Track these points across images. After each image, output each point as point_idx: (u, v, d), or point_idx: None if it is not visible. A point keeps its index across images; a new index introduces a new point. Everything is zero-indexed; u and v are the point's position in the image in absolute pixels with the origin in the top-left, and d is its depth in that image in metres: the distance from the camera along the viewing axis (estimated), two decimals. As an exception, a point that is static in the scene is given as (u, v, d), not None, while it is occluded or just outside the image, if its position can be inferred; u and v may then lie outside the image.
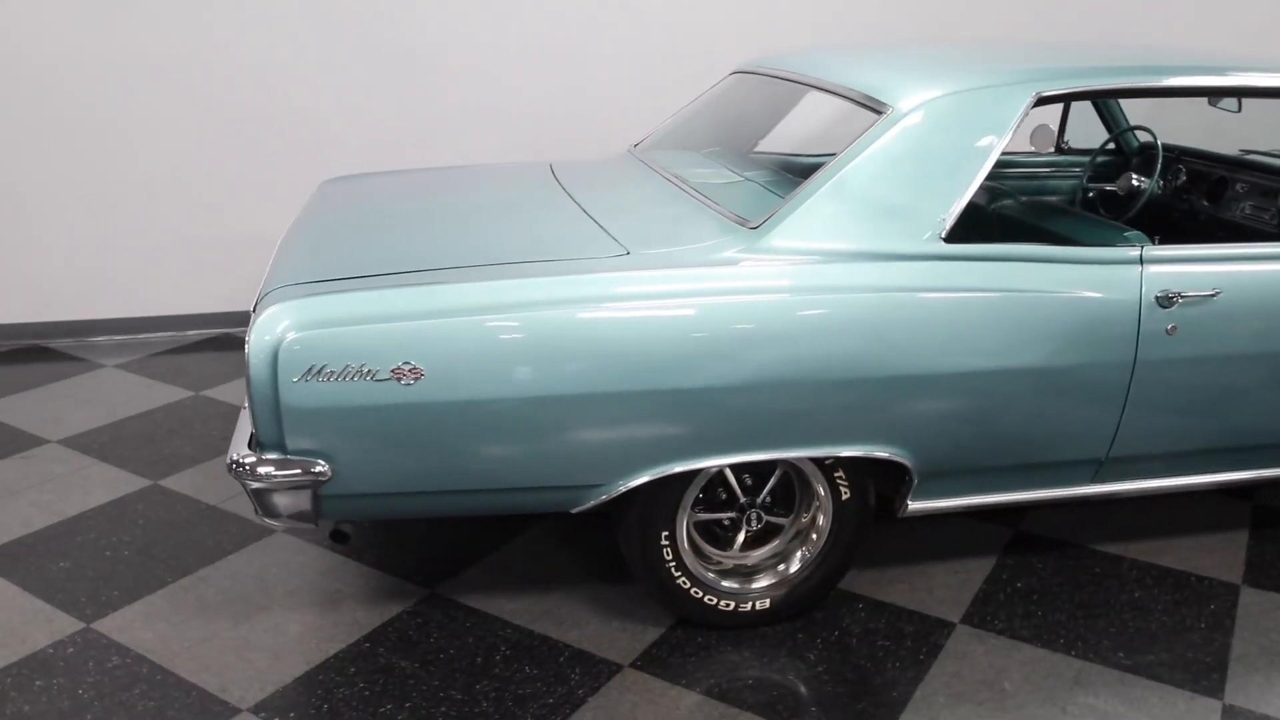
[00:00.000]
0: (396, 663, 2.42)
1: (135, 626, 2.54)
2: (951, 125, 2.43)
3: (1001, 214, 3.16)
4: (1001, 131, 2.44)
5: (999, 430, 2.49)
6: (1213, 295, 2.50)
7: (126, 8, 4.33)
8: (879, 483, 2.53)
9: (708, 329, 2.22)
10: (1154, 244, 2.58)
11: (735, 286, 2.26)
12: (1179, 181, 3.69)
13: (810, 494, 2.53)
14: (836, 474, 2.46)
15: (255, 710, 2.26)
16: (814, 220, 2.37)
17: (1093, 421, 2.54)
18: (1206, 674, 2.42)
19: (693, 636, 2.52)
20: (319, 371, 2.11)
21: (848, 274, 2.32)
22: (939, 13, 5.04)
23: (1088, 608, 2.67)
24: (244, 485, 2.20)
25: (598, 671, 2.40)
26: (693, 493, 2.43)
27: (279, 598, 2.67)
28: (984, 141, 2.43)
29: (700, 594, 2.50)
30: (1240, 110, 3.45)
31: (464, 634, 2.53)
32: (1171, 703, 2.33)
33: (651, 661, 2.43)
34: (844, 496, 2.48)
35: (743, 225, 2.41)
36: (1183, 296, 2.48)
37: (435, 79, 4.70)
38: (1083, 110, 3.98)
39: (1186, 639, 2.55)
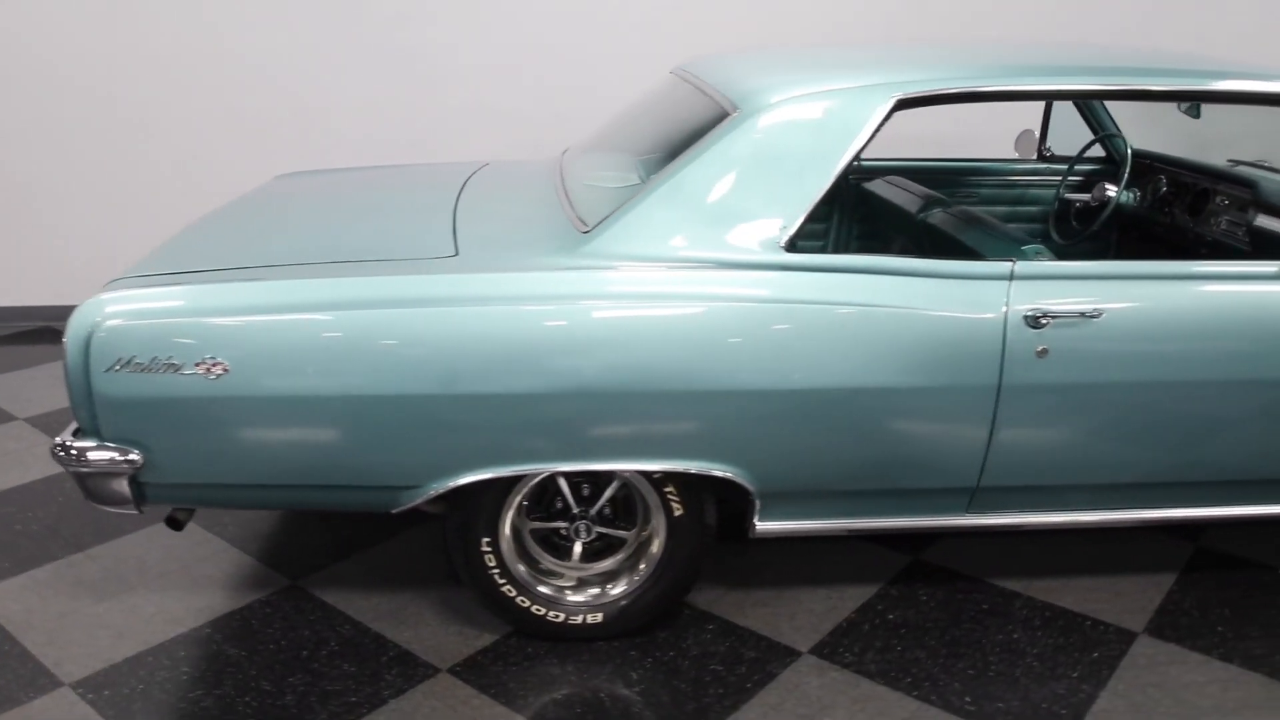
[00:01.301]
0: (226, 650, 2.47)
1: (8, 598, 2.67)
2: (798, 129, 2.32)
3: (927, 223, 3.00)
4: (853, 136, 2.30)
5: (848, 452, 2.36)
6: (1092, 316, 2.30)
7: (137, 6, 4.55)
8: (733, 501, 2.43)
9: (516, 334, 2.18)
10: (1038, 259, 2.40)
11: (546, 292, 2.21)
12: (1160, 193, 3.41)
13: (648, 509, 2.46)
14: (667, 489, 2.38)
15: (75, 686, 2.34)
16: (646, 225, 2.30)
17: (957, 447, 2.38)
18: (1052, 727, 2.25)
19: (523, 646, 2.48)
20: (128, 363, 2.17)
21: (673, 281, 2.24)
22: (957, 12, 4.82)
23: (955, 646, 2.50)
24: (66, 469, 2.28)
25: (413, 674, 2.39)
26: (515, 499, 2.39)
27: (149, 579, 2.76)
28: (834, 146, 2.30)
29: (528, 603, 2.46)
30: (1199, 116, 3.17)
31: (302, 626, 2.55)
32: (996, 755, 2.17)
33: (470, 668, 2.41)
34: (676, 513, 2.40)
35: (579, 229, 2.36)
36: (1056, 317, 2.29)
37: (445, 78, 4.76)
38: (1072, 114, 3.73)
39: (1049, 688, 2.36)
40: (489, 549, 2.40)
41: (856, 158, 2.33)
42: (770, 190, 2.30)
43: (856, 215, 3.65)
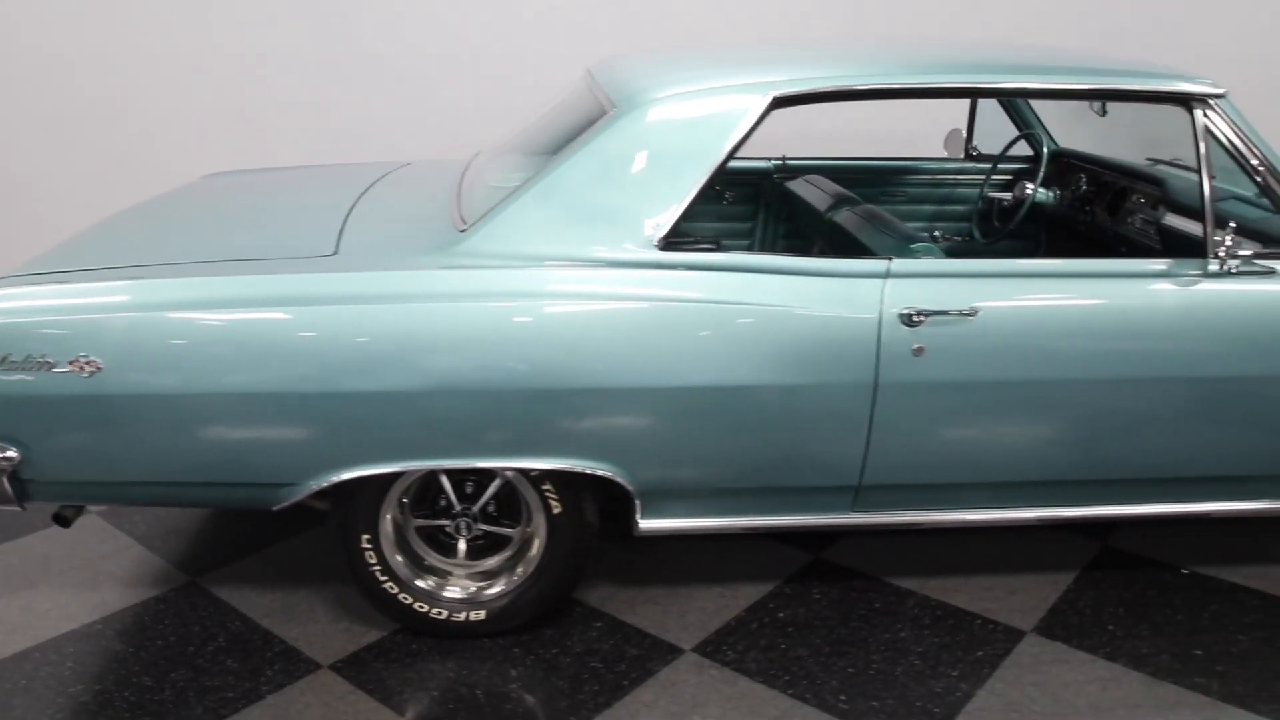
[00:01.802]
0: (114, 646, 2.49)
1: (-91, 593, 2.70)
2: (672, 128, 2.32)
3: (833, 221, 3.00)
4: (729, 134, 2.31)
5: (726, 451, 2.37)
6: (968, 315, 2.30)
7: (136, 7, 4.55)
8: (617, 499, 2.43)
9: (382, 333, 2.19)
10: (923, 257, 2.40)
11: (412, 290, 2.22)
12: (1080, 191, 3.40)
13: (529, 507, 2.47)
14: (544, 487, 2.39)
15: (-41, 681, 2.36)
16: (520, 224, 2.31)
17: (835, 446, 2.38)
18: (923, 726, 2.25)
19: (408, 644, 2.50)
20: (2, 361, 2.18)
21: (547, 280, 2.25)
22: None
23: (839, 645, 2.50)
24: None
25: (294, 670, 2.40)
26: (394, 496, 2.40)
27: (51, 576, 2.78)
28: (709, 144, 2.31)
29: (410, 600, 2.47)
30: (1105, 114, 3.16)
31: (194, 623, 2.57)
32: (860, 753, 2.17)
33: (352, 665, 2.42)
34: (555, 511, 2.41)
35: (458, 229, 2.37)
36: (932, 315, 2.29)
37: (441, 75, 4.73)
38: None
39: (928, 686, 2.36)
40: (369, 545, 2.41)
41: (733, 156, 2.33)
42: (644, 188, 2.30)
43: (781, 214, 3.65)
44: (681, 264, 2.29)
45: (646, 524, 2.45)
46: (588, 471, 2.32)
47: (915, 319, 2.28)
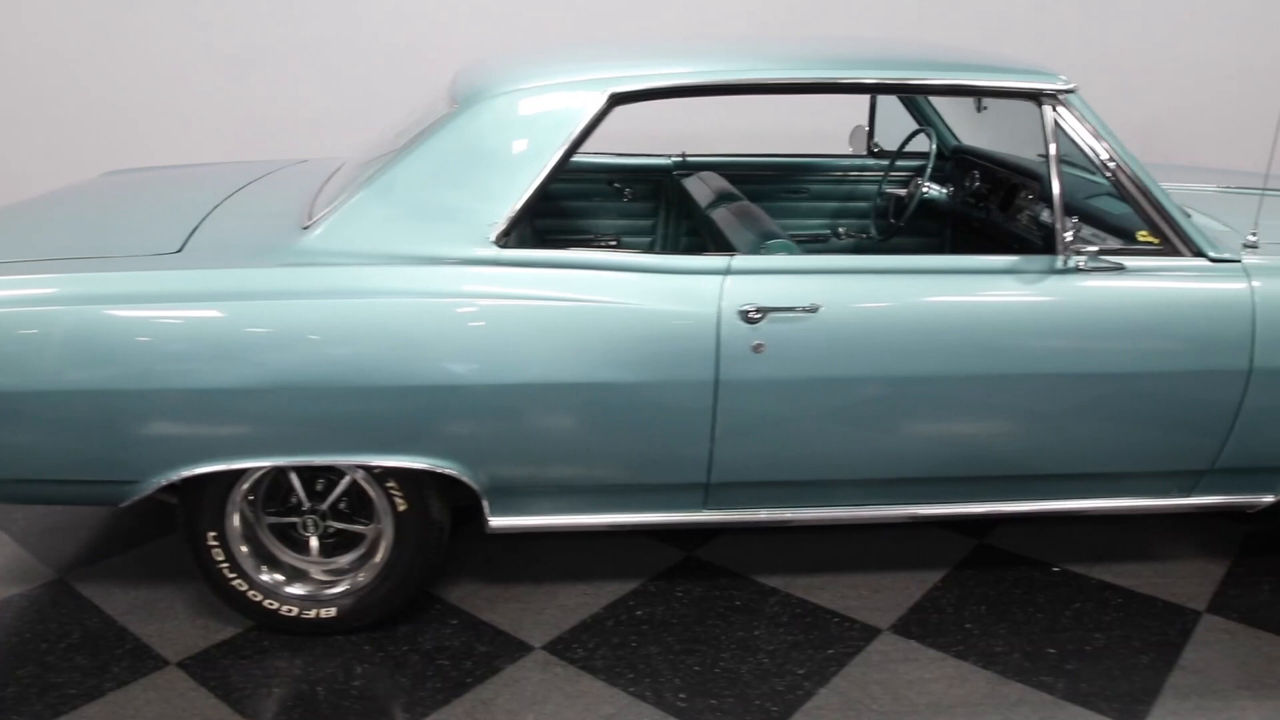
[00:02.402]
0: (-32, 643, 2.50)
1: None
2: (509, 125, 2.33)
3: (709, 217, 2.99)
4: (566, 131, 2.30)
5: (569, 448, 2.37)
6: (810, 311, 2.29)
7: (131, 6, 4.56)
8: (466, 497, 2.42)
9: (218, 330, 2.19)
10: (775, 254, 2.41)
11: (245, 288, 2.22)
12: (974, 188, 3.39)
13: (377, 504, 2.47)
14: (389, 485, 2.39)
15: None
16: (358, 221, 2.31)
17: (679, 443, 2.38)
18: (758, 723, 2.24)
19: (260, 640, 2.50)
20: None
21: (380, 278, 2.25)
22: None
23: (691, 643, 2.50)
24: None
25: (141, 667, 2.40)
26: (239, 493, 2.40)
27: (-80, 573, 2.80)
28: (546, 141, 2.30)
29: (260, 597, 2.47)
30: (983, 109, 3.16)
31: (52, 620, 2.58)
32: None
33: (201, 662, 2.42)
34: (401, 509, 2.40)
35: (302, 227, 2.37)
36: (772, 312, 2.28)
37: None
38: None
39: (770, 685, 2.36)
40: (216, 542, 2.41)
41: (572, 153, 2.32)
42: (481, 185, 2.30)
43: (682, 212, 3.64)
44: (519, 261, 2.29)
45: (497, 521, 2.45)
46: (428, 469, 2.32)
47: (754, 316, 2.28)
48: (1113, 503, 2.63)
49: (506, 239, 2.30)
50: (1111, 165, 2.43)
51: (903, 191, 3.43)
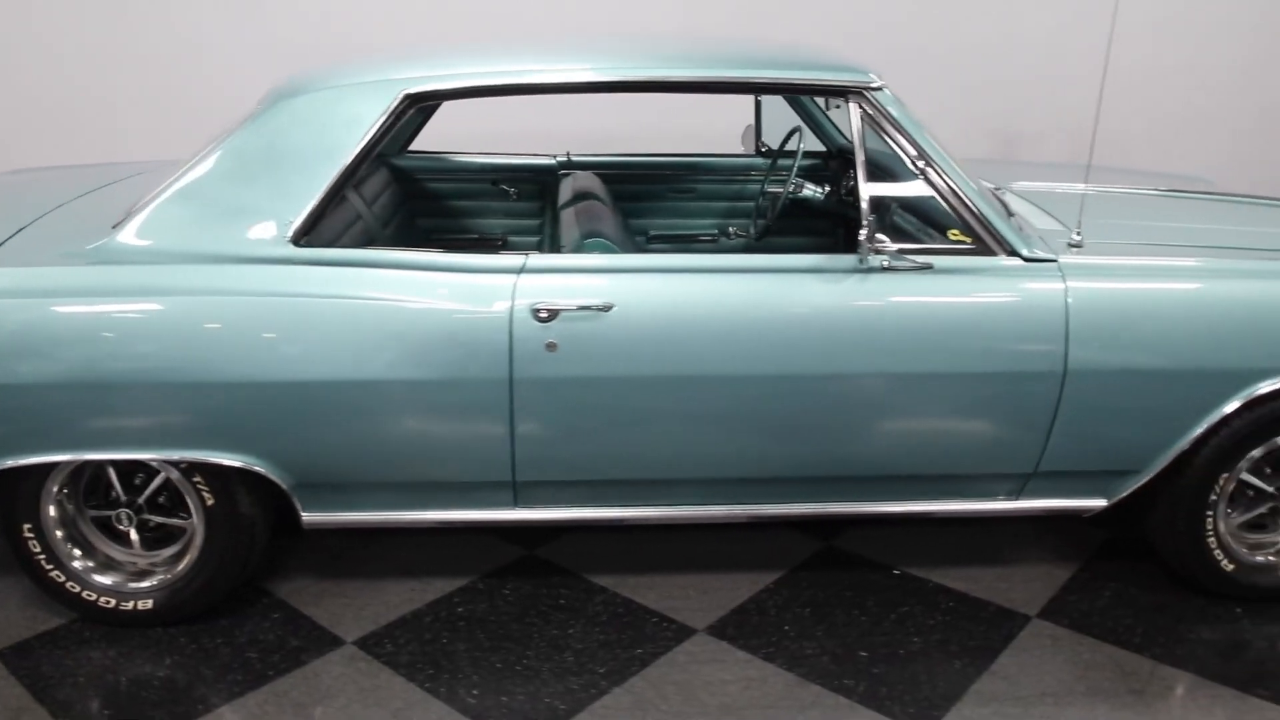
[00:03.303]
0: None
1: None
2: (305, 125, 2.36)
3: (556, 217, 3.01)
4: (359, 131, 2.33)
5: (371, 445, 2.39)
6: (603, 310, 2.30)
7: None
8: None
9: (18, 326, 2.24)
10: (592, 254, 2.42)
11: (43, 287, 2.27)
12: (848, 186, 3.36)
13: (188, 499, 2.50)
14: (195, 479, 2.42)
15: None
16: (162, 220, 2.35)
17: (481, 441, 2.39)
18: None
19: (81, 631, 2.54)
20: None
21: (181, 276, 2.29)
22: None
23: (502, 640, 2.51)
24: None
25: (-42, 656, 2.46)
26: (53, 486, 2.44)
27: None
28: (339, 142, 2.33)
29: (78, 589, 2.51)
30: (828, 108, 3.13)
31: (-111, 608, 2.65)
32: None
33: (18, 652, 2.47)
34: (209, 503, 2.44)
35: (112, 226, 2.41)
36: (565, 311, 2.29)
37: None
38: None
39: (565, 683, 2.36)
40: (31, 534, 2.46)
41: (370, 153, 2.35)
42: (279, 185, 2.33)
43: (568, 210, 3.65)
44: (316, 260, 2.32)
45: (310, 517, 2.48)
46: (229, 464, 2.35)
47: (547, 314, 2.28)
48: (942, 506, 2.60)
49: (305, 238, 2.32)
50: (920, 164, 2.40)
51: (779, 191, 3.41)
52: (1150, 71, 4.89)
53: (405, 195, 3.54)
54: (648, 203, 3.67)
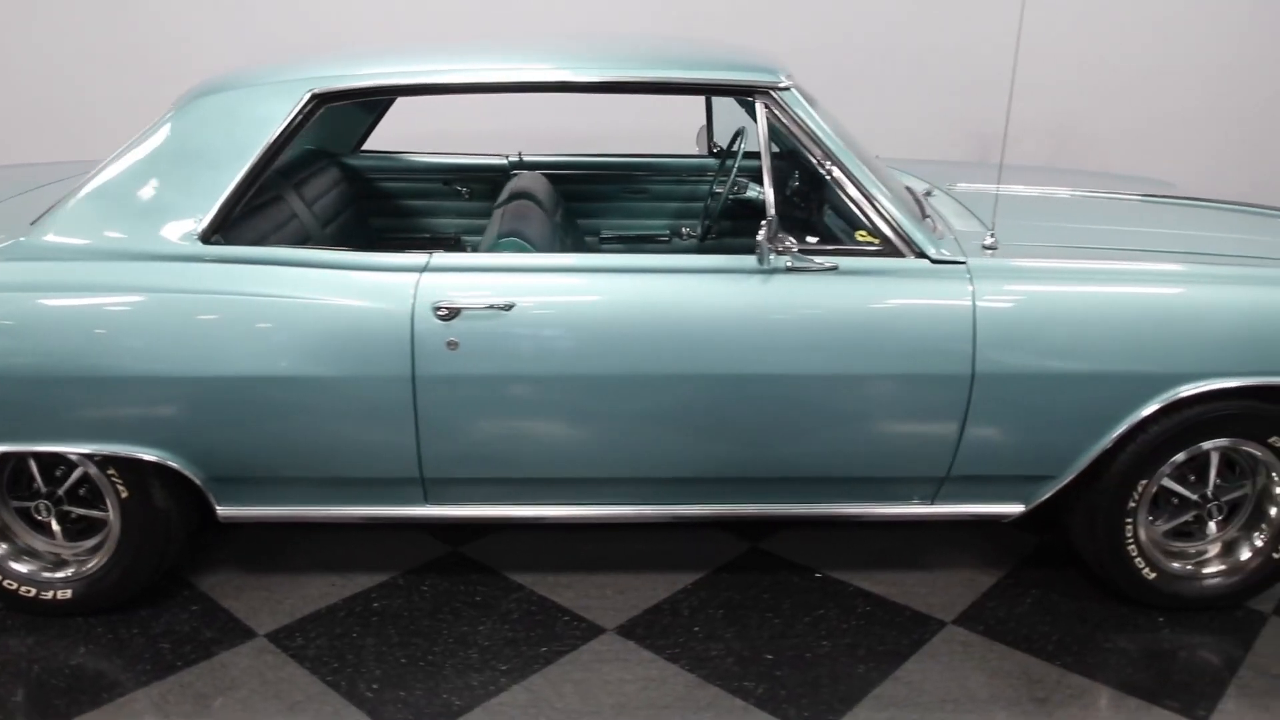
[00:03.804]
0: None
1: None
2: (213, 124, 2.39)
3: (494, 213, 3.02)
4: (266, 130, 2.36)
5: (278, 440, 2.42)
6: (503, 309, 2.31)
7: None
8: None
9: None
10: (503, 253, 2.44)
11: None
12: (794, 186, 3.35)
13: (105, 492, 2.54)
14: (109, 472, 2.46)
15: None
16: (75, 217, 2.39)
17: (385, 438, 2.41)
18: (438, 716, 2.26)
19: (4, 620, 2.59)
20: None
21: (90, 272, 2.33)
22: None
23: (411, 636, 2.53)
24: None
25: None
26: None
27: None
28: (248, 140, 2.37)
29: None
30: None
31: None
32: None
33: (-60, 638, 2.53)
34: (123, 495, 2.48)
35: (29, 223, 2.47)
36: (466, 310, 2.31)
37: None
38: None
39: (466, 679, 2.38)
40: (-56, 524, 2.52)
41: (277, 151, 2.38)
42: (188, 183, 2.37)
43: (519, 210, 3.67)
44: (223, 258, 2.35)
45: (225, 511, 2.52)
46: (137, 457, 2.39)
47: (447, 313, 2.30)
48: (856, 509, 2.58)
49: (215, 235, 2.36)
50: (827, 164, 2.39)
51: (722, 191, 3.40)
52: (1135, 73, 4.83)
53: (357, 195, 3.57)
54: (600, 203, 3.68)
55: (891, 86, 4.87)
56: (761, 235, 2.29)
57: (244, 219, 2.67)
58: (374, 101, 3.50)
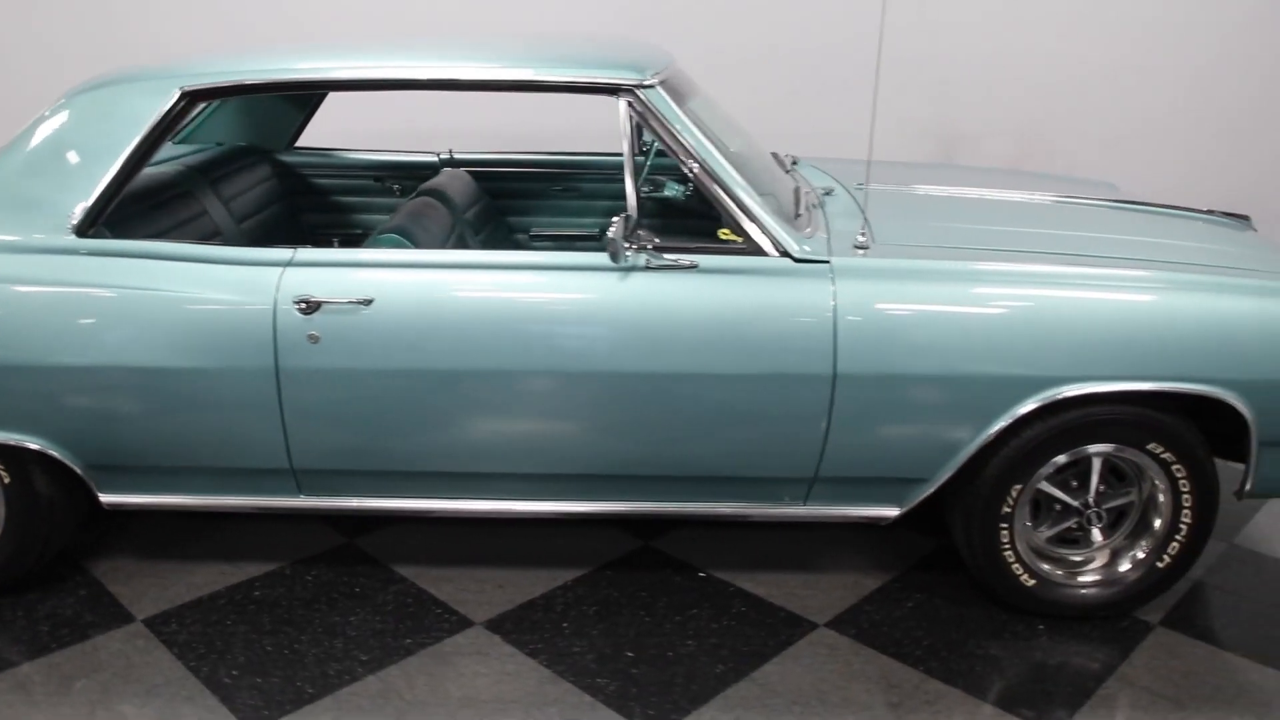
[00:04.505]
0: None
1: None
2: (87, 120, 2.45)
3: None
4: (137, 127, 2.42)
5: (149, 430, 2.47)
6: (363, 304, 2.34)
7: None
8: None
9: None
10: (379, 248, 2.47)
11: None
12: (671, 185, 3.35)
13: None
14: (-11, 458, 2.53)
15: None
16: (-46, 211, 2.46)
17: (254, 429, 2.45)
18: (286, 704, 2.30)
19: (-101, 599, 2.68)
20: None
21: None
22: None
23: (283, 625, 2.56)
24: None
25: None
26: None
27: None
28: (119, 136, 2.42)
29: (-113, 566, 2.65)
30: None
31: None
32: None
33: None
34: (6, 482, 2.54)
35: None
36: (326, 304, 2.34)
37: None
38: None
39: (325, 668, 2.41)
40: None
41: (151, 146, 2.43)
42: (64, 178, 2.43)
43: (448, 207, 3.70)
44: (95, 251, 2.41)
45: (107, 498, 2.58)
46: (20, 445, 2.45)
47: (308, 307, 2.33)
48: (729, 508, 2.57)
49: (92, 229, 2.41)
50: (689, 162, 2.39)
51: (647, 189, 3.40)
52: (1105, 76, 4.74)
53: (289, 191, 3.63)
54: (531, 201, 3.70)
55: (849, 88, 4.81)
56: (612, 232, 2.29)
57: (141, 213, 2.73)
58: (304, 98, 3.55)
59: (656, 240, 2.35)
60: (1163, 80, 4.72)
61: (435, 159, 3.67)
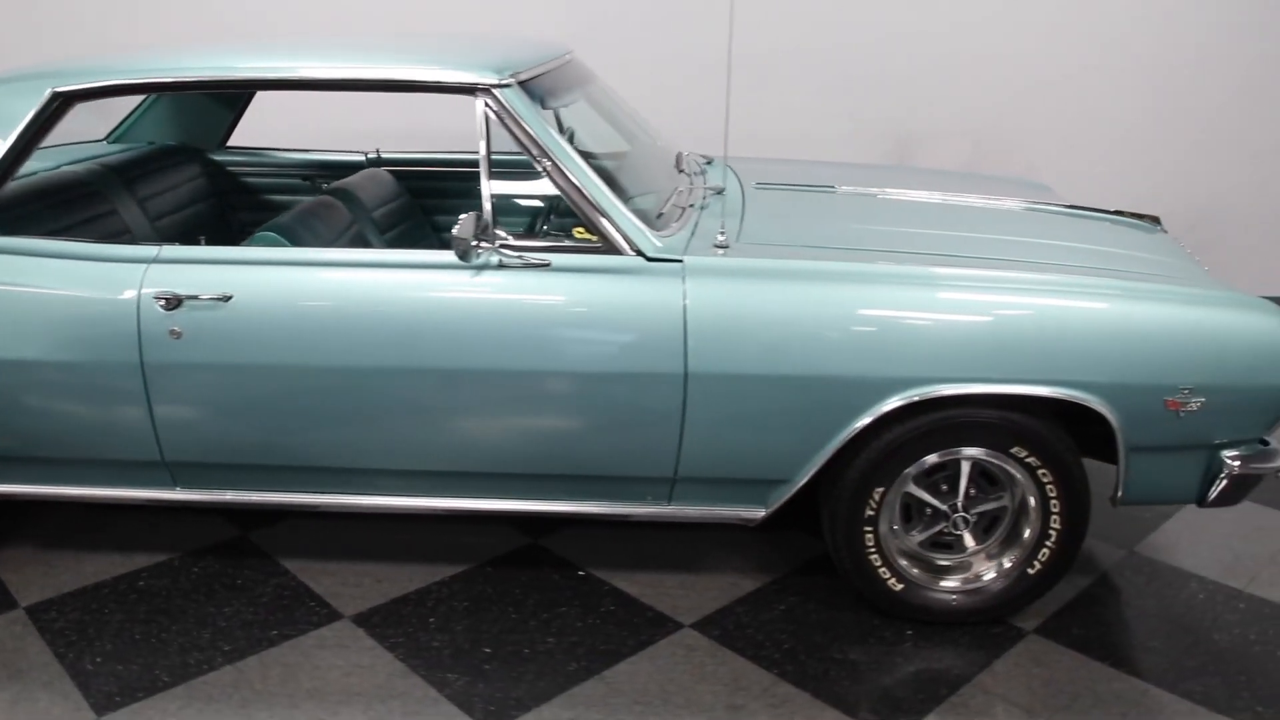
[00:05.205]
0: None
1: None
2: (-39, 120, 2.52)
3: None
4: (11, 127, 2.49)
5: (21, 421, 2.53)
6: (222, 300, 2.38)
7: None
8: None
9: None
10: (258, 246, 2.52)
11: None
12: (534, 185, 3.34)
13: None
14: (-116, 447, 2.62)
15: None
16: None
17: (119, 422, 2.51)
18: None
19: None
20: None
21: None
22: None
23: (158, 615, 2.62)
24: None
25: None
26: None
27: None
28: (-10, 135, 2.49)
29: None
30: None
31: None
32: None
33: None
34: (-102, 470, 2.63)
35: None
36: (187, 300, 2.39)
37: None
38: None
39: (186, 657, 2.45)
40: None
41: (25, 147, 2.49)
42: (-60, 175, 2.50)
43: (375, 206, 3.74)
44: (-29, 246, 2.47)
45: (-4, 489, 2.65)
46: (-102, 433, 2.53)
47: (170, 302, 2.38)
48: (593, 507, 2.57)
49: (-29, 225, 2.48)
50: (544, 162, 2.39)
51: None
52: (1063, 79, 4.66)
53: (220, 189, 3.69)
54: (457, 200, 3.72)
55: (810, 88, 4.79)
56: (456, 230, 2.30)
57: (38, 212, 2.80)
58: (231, 97, 3.61)
59: (509, 238, 2.36)
60: (1123, 84, 4.63)
61: (363, 158, 3.71)
